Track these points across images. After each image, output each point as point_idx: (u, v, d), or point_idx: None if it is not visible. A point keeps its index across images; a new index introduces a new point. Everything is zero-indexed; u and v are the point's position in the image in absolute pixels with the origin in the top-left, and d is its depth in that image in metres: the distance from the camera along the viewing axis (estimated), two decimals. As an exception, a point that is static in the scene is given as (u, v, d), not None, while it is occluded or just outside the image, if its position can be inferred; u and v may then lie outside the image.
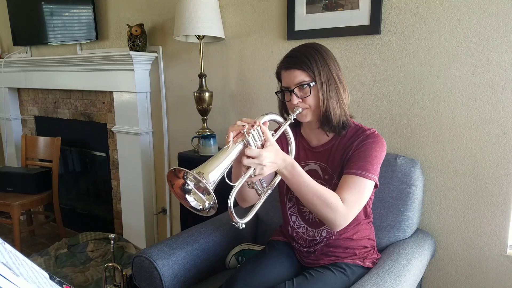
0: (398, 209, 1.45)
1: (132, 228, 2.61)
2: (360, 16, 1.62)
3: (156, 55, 2.34)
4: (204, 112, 2.06)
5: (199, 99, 2.01)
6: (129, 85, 2.37)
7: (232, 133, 0.97)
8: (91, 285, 2.15)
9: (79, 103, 2.85)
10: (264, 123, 1.03)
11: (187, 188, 0.91)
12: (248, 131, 0.96)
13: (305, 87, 1.12)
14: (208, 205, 0.90)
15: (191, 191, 0.92)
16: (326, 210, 1.04)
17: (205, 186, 0.86)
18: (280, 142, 1.26)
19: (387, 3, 1.56)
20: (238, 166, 1.01)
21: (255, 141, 0.98)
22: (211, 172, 0.87)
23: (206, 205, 0.91)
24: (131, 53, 2.21)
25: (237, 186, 0.94)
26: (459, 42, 1.45)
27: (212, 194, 0.86)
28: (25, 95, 3.24)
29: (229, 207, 0.91)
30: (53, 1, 2.71)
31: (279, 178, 1.11)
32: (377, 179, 1.13)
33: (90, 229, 2.73)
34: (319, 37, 1.73)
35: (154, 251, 1.36)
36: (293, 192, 1.25)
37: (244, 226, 0.96)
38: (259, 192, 1.09)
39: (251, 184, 1.04)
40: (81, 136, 2.94)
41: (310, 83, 1.12)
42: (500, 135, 1.42)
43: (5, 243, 0.47)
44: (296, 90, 1.13)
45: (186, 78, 2.26)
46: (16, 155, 3.28)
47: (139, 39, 2.26)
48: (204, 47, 2.04)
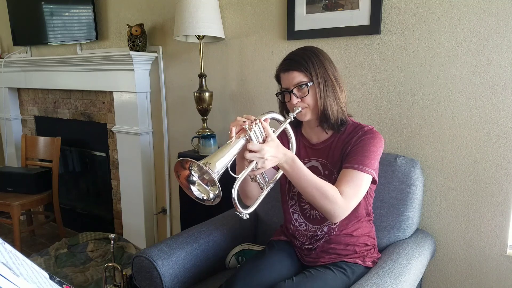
0: (398, 209, 1.45)
1: (132, 228, 2.61)
2: (360, 16, 1.62)
3: (156, 55, 2.34)
4: (204, 112, 2.06)
5: (199, 99, 2.01)
6: (129, 85, 2.37)
7: (234, 129, 1.02)
8: (91, 285, 2.15)
9: (79, 103, 2.85)
10: (265, 120, 1.08)
11: (191, 179, 0.97)
12: (250, 127, 1.01)
13: (303, 87, 1.18)
14: (213, 195, 0.96)
15: (195, 182, 0.97)
16: (324, 202, 1.09)
17: (210, 177, 0.91)
18: (281, 140, 1.29)
19: (387, 3, 1.56)
20: (242, 161, 1.06)
21: (257, 136, 1.03)
22: (217, 162, 0.93)
23: (210, 195, 0.96)
24: (131, 53, 2.22)
25: (240, 178, 0.99)
26: (459, 42, 1.45)
27: (217, 183, 0.90)
28: (25, 95, 3.24)
29: (232, 197, 0.97)
30: (53, 1, 2.71)
31: (280, 173, 1.15)
32: (374, 173, 1.17)
33: (90, 229, 2.73)
34: (319, 37, 1.73)
35: (154, 251, 1.36)
36: (295, 190, 1.32)
37: (247, 217, 1.01)
38: (262, 185, 1.14)
39: (254, 178, 1.10)
40: (81, 136, 2.94)
41: (308, 83, 1.17)
42: (500, 135, 1.42)
43: (5, 243, 0.47)
44: (295, 91, 1.19)
45: (186, 78, 2.26)
46: (16, 155, 3.28)
47: (139, 39, 2.26)
48: (204, 47, 2.04)
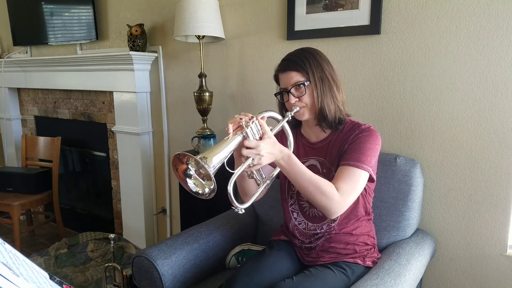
0: (398, 209, 1.45)
1: (132, 228, 2.61)
2: (360, 16, 1.62)
3: (156, 55, 2.34)
4: (204, 112, 2.06)
5: (199, 99, 2.01)
6: (129, 85, 2.37)
7: (231, 125, 1.04)
8: (91, 285, 2.15)
9: (79, 103, 2.85)
10: (262, 118, 1.09)
11: (188, 173, 0.99)
12: (247, 124, 1.03)
13: (300, 86, 1.20)
14: (209, 190, 0.97)
15: (192, 176, 0.99)
16: (321, 198, 1.10)
17: (206, 171, 0.93)
18: (280, 138, 1.32)
19: (387, 3, 1.56)
20: (239, 158, 1.07)
21: (254, 133, 1.05)
22: (213, 158, 0.95)
23: (206, 190, 0.98)
24: (131, 53, 2.22)
25: (236, 173, 1.01)
26: (459, 42, 1.45)
27: (213, 178, 0.92)
28: (25, 95, 3.24)
29: (228, 192, 0.98)
30: (53, 1, 2.71)
31: (277, 170, 1.16)
32: (371, 170, 1.17)
33: (90, 229, 2.73)
34: (319, 37, 1.73)
35: (154, 251, 1.36)
36: (294, 189, 1.32)
37: (243, 211, 1.03)
38: (259, 182, 1.15)
39: (250, 174, 1.12)
40: (81, 136, 2.94)
41: (305, 83, 1.19)
42: (500, 135, 1.42)
43: (5, 243, 0.47)
44: (292, 90, 1.21)
45: (186, 78, 2.26)
46: (16, 155, 3.28)
47: (139, 39, 2.26)
48: (204, 47, 2.04)
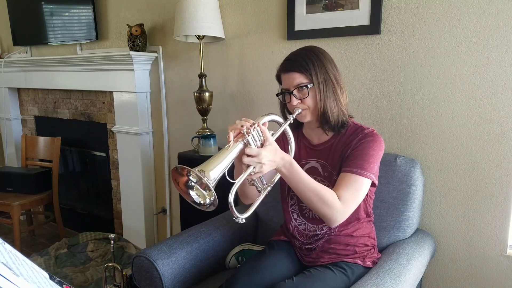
0: (398, 209, 1.45)
1: (132, 228, 2.61)
2: (360, 16, 1.62)
3: (156, 55, 2.34)
4: (204, 112, 2.06)
5: (199, 99, 2.01)
6: (129, 85, 2.37)
7: (232, 133, 1.01)
8: (91, 285, 2.15)
9: (79, 103, 2.85)
10: (263, 124, 1.07)
11: (190, 184, 0.96)
12: (248, 131, 1.00)
13: (303, 88, 1.17)
14: (209, 201, 0.95)
15: (193, 187, 0.97)
16: (322, 206, 1.08)
17: (206, 183, 0.90)
18: (281, 142, 1.30)
19: (387, 3, 1.56)
20: (239, 164, 1.05)
21: (255, 140, 1.02)
22: (212, 170, 0.92)
23: (207, 201, 0.95)
24: (131, 53, 2.21)
25: (237, 183, 0.98)
26: (459, 42, 1.45)
27: (213, 191, 0.90)
28: (25, 95, 3.24)
29: (229, 202, 0.95)
30: (53, 1, 2.71)
31: (278, 176, 1.14)
32: (374, 177, 1.15)
33: (90, 229, 2.73)
34: (319, 37, 1.73)
35: (154, 251, 1.36)
36: None
37: (244, 221, 1.00)
38: (259, 189, 1.13)
39: (251, 181, 1.09)
40: (81, 136, 2.94)
41: (308, 85, 1.16)
42: (500, 135, 1.42)
43: (5, 243, 0.47)
44: (295, 92, 1.18)
45: (186, 78, 2.26)
46: (16, 155, 3.28)
47: (139, 39, 2.26)
48: (204, 47, 2.04)
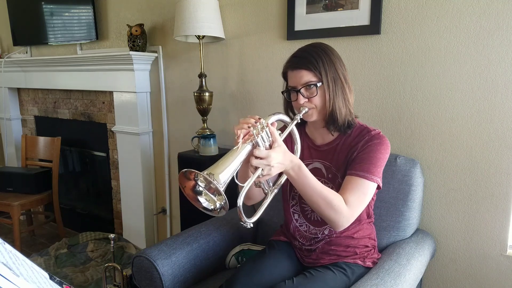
0: (398, 209, 1.45)
1: (132, 228, 2.61)
2: (360, 16, 1.62)
3: (156, 55, 2.34)
4: (204, 112, 2.06)
5: (199, 99, 2.01)
6: (129, 85, 2.37)
7: (240, 133, 0.97)
8: (91, 285, 2.15)
9: (79, 103, 2.85)
10: (272, 124, 1.03)
11: (198, 189, 0.92)
12: (257, 132, 0.96)
13: (311, 87, 1.12)
14: (219, 205, 0.91)
15: (202, 192, 0.92)
16: (329, 211, 1.05)
17: (215, 187, 0.86)
18: (288, 143, 1.27)
19: (387, 3, 1.56)
20: (246, 166, 1.02)
21: (264, 142, 0.98)
22: (222, 173, 0.88)
23: (217, 205, 0.92)
24: (131, 53, 2.21)
25: (246, 186, 0.94)
26: (459, 42, 1.45)
27: (223, 194, 0.86)
28: (25, 95, 3.24)
29: (238, 207, 0.92)
30: (53, 1, 2.71)
31: (284, 178, 1.11)
32: (380, 181, 1.14)
33: (90, 229, 2.73)
34: (319, 37, 1.73)
35: (154, 251, 1.36)
36: (296, 190, 1.26)
37: (252, 226, 0.97)
38: (266, 191, 1.09)
39: (258, 184, 1.05)
40: (81, 136, 2.94)
41: (317, 84, 1.12)
42: (500, 135, 1.42)
43: (5, 243, 0.47)
44: (302, 90, 1.13)
45: (186, 78, 2.26)
46: (16, 155, 3.28)
47: (139, 39, 2.26)
48: (204, 47, 2.04)
